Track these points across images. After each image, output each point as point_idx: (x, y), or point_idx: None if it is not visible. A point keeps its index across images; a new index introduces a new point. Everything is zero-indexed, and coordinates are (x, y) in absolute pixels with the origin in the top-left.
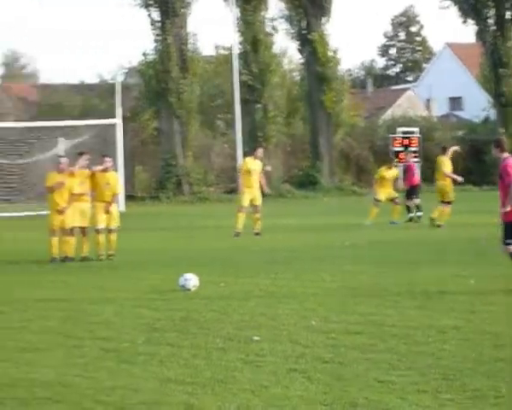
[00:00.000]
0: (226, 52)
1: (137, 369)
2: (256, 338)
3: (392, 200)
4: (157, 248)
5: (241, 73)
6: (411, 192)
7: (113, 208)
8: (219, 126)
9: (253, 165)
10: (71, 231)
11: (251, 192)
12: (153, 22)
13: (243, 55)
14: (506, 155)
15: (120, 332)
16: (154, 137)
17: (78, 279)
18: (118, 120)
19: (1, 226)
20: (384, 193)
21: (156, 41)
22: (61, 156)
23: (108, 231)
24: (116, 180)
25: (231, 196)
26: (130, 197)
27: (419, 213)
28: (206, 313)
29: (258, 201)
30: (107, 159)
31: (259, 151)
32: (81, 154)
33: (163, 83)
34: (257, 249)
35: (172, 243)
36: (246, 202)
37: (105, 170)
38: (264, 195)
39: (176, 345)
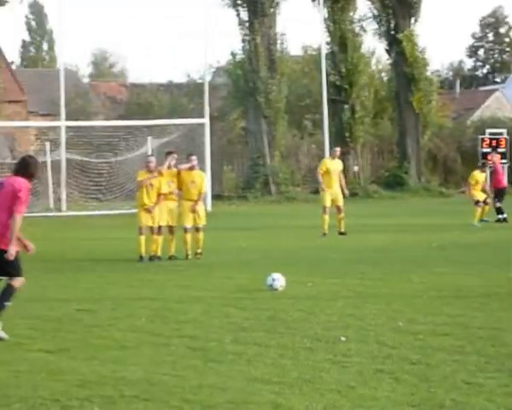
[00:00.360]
0: (314, 52)
1: (224, 368)
2: (343, 339)
3: (483, 201)
4: (244, 247)
5: (328, 74)
6: (499, 194)
7: (200, 207)
8: (307, 126)
9: (332, 165)
10: (158, 230)
11: (331, 192)
12: (241, 22)
13: (331, 56)
14: None
15: (208, 331)
16: (242, 136)
17: (165, 278)
18: (206, 120)
19: (91, 225)
20: (480, 194)
21: (244, 41)
22: (149, 156)
23: (195, 229)
24: (202, 179)
25: (318, 196)
26: (217, 197)
27: (501, 216)
28: (293, 313)
29: (340, 201)
30: (193, 157)
31: (337, 151)
32: (169, 153)
33: (251, 82)
34: (344, 249)
35: (259, 242)
36: (327, 203)
37: (191, 168)
38: (344, 196)
39: (263, 344)
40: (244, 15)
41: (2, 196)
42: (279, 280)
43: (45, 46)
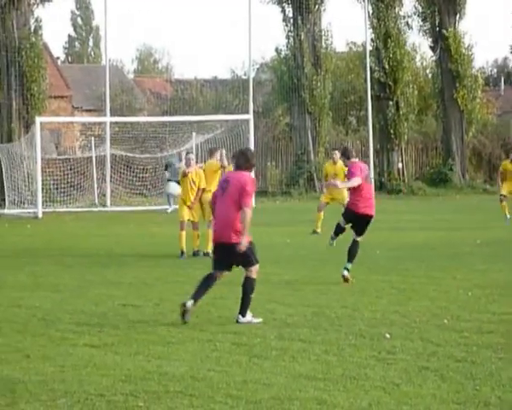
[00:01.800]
0: (359, 49)
1: (269, 364)
2: (387, 335)
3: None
4: (288, 243)
5: (373, 70)
6: None
7: None
8: (351, 123)
9: (333, 169)
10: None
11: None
12: (286, 18)
13: (376, 52)
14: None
15: (252, 327)
16: (286, 132)
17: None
18: (250, 116)
19: (135, 220)
20: (506, 187)
21: (289, 37)
22: (188, 152)
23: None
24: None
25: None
26: (261, 193)
27: None
28: (337, 310)
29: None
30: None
31: (336, 154)
32: (213, 150)
33: (296, 79)
34: (388, 246)
35: (303, 238)
36: (323, 199)
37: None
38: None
39: (307, 341)
40: (289, 12)
41: (230, 191)
42: None
43: (91, 42)
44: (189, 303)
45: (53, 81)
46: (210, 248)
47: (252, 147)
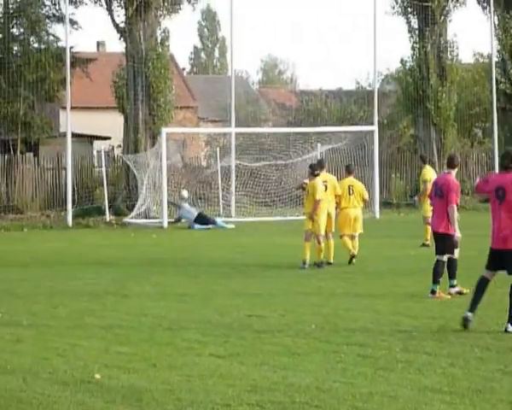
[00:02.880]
0: (485, 60)
1: (394, 376)
2: None
3: None
4: (413, 255)
5: (499, 82)
6: None
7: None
8: (476, 135)
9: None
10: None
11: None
12: (411, 29)
13: (501, 64)
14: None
15: (377, 339)
16: (411, 144)
17: (334, 285)
18: (375, 127)
19: (259, 231)
20: None
21: (414, 48)
22: (312, 165)
23: (351, 237)
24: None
25: (487, 206)
26: (385, 204)
27: None
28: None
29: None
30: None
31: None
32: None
33: (421, 90)
34: None
35: (428, 250)
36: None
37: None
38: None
39: (433, 353)
40: (414, 23)
41: (508, 199)
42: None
43: (216, 53)
44: (469, 315)
45: (179, 92)
46: (332, 258)
47: (376, 158)
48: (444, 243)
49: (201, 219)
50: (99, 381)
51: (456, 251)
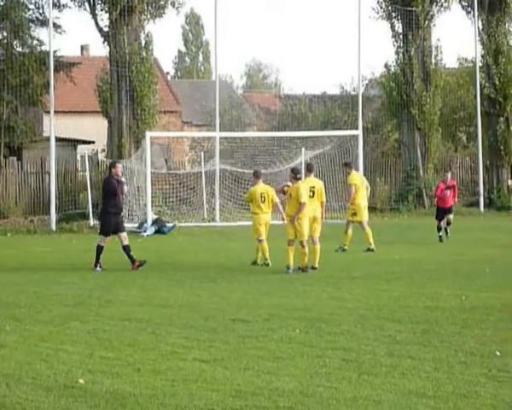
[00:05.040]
0: (469, 64)
1: (379, 381)
2: (498, 353)
3: None
4: (397, 259)
5: (483, 86)
6: None
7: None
8: (461, 139)
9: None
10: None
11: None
12: (395, 34)
13: (486, 68)
14: None
15: (362, 343)
16: (395, 149)
17: (318, 289)
18: (359, 132)
19: (244, 235)
20: None
21: (398, 53)
22: (294, 169)
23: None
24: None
25: (472, 210)
26: (370, 209)
27: None
28: (447, 327)
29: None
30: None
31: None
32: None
33: (405, 95)
34: (499, 263)
35: (412, 255)
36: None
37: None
38: None
39: (417, 358)
40: (398, 27)
41: None
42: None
43: (200, 57)
44: None
45: (163, 96)
46: (317, 263)
47: (361, 163)
48: None
49: (158, 224)
50: (83, 386)
51: None
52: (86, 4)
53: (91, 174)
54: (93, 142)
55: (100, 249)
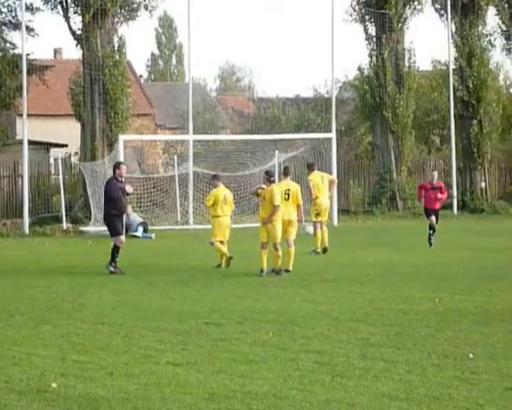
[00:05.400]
0: (442, 67)
1: (352, 383)
2: (471, 355)
3: None
4: (371, 262)
5: (456, 89)
6: None
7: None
8: (434, 142)
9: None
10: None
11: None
12: (368, 37)
13: (459, 71)
14: None
15: (335, 346)
16: (369, 151)
17: (292, 292)
18: (333, 135)
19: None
20: None
21: (371, 56)
22: (268, 170)
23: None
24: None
25: (445, 212)
26: (343, 211)
27: None
28: (420, 329)
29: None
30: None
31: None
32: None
33: (378, 97)
34: (472, 266)
35: (386, 257)
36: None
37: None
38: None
39: (390, 360)
40: (372, 30)
41: None
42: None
43: (174, 60)
44: None
45: (136, 99)
46: (291, 266)
47: (334, 165)
48: None
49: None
50: (56, 390)
51: None
52: (59, 7)
53: (64, 177)
54: (66, 145)
55: (116, 249)
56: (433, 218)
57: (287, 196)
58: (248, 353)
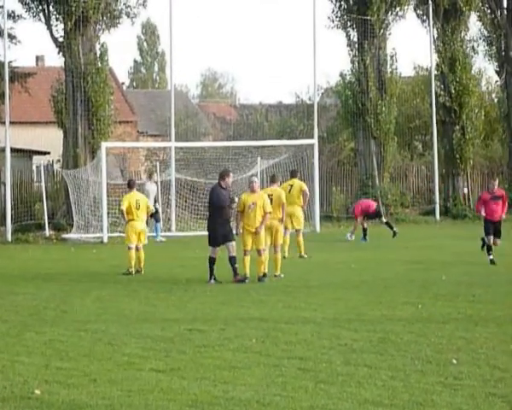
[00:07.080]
0: (424, 73)
1: (335, 389)
2: (454, 361)
3: None
4: (354, 268)
5: (438, 95)
6: None
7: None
8: (416, 148)
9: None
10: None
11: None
12: (350, 43)
13: (441, 77)
14: None
15: (318, 352)
16: (351, 157)
17: (275, 299)
18: (315, 141)
19: (200, 245)
20: None
21: (353, 62)
22: (252, 176)
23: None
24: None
25: (428, 218)
26: (326, 218)
27: None
28: (403, 335)
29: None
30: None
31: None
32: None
33: (360, 103)
34: (454, 272)
35: (369, 263)
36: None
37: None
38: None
39: (374, 366)
40: (354, 36)
41: None
42: None
43: (156, 67)
44: None
45: (118, 106)
46: (279, 271)
47: (317, 172)
48: None
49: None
50: (39, 397)
51: None
52: (41, 15)
53: (47, 185)
54: (48, 152)
55: (211, 260)
56: (492, 237)
57: (270, 201)
58: (231, 359)
